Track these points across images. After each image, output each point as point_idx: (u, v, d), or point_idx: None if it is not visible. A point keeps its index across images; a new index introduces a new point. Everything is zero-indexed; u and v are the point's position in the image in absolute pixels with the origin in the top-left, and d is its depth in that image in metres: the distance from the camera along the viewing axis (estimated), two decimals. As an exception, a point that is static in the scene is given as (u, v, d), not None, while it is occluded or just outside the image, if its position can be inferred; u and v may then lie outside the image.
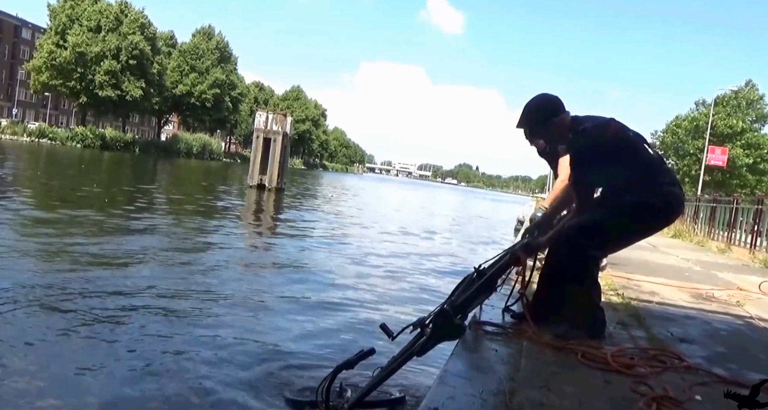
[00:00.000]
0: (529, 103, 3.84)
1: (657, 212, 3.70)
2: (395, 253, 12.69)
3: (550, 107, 3.79)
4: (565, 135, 3.76)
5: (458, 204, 56.06)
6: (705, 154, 45.72)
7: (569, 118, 3.76)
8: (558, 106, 3.79)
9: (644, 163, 3.69)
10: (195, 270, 8.25)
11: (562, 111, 3.78)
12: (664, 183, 3.69)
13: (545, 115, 3.77)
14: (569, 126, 3.73)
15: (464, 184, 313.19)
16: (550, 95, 3.86)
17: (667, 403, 2.56)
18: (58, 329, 5.01)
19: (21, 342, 4.59)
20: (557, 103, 3.81)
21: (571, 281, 3.72)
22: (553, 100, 3.82)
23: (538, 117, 3.79)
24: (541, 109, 3.80)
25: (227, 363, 4.65)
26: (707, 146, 44.38)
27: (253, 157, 30.22)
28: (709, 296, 5.98)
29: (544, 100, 3.84)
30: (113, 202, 16.02)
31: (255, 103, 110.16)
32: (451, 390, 2.62)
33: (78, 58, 69.99)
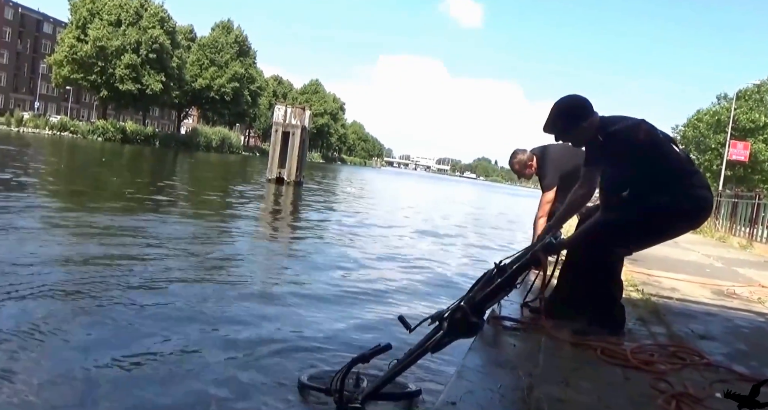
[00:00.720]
0: (558, 106, 3.75)
1: (685, 215, 3.67)
2: (413, 247, 12.68)
3: (579, 111, 3.71)
4: (594, 138, 3.67)
5: (476, 197, 55.92)
6: (726, 149, 45.25)
7: (598, 120, 3.69)
8: (587, 109, 3.70)
9: (674, 165, 3.65)
10: (214, 262, 8.29)
11: (591, 113, 3.69)
12: (693, 185, 3.64)
13: (575, 119, 3.68)
14: (598, 128, 3.65)
15: (483, 178, 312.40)
16: (578, 97, 3.78)
17: (686, 400, 2.54)
18: (77, 319, 5.05)
19: (36, 331, 4.64)
20: (586, 105, 3.72)
21: (593, 277, 3.73)
22: (581, 102, 3.74)
23: (568, 121, 3.70)
24: (571, 113, 3.71)
25: (244, 352, 4.67)
26: (729, 141, 43.94)
27: (272, 151, 30.28)
28: (730, 293, 5.92)
29: (573, 103, 3.76)
30: (134, 194, 16.12)
31: (274, 97, 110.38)
32: (469, 384, 2.62)
33: (99, 52, 70.56)
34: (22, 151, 30.80)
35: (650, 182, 3.59)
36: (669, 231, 3.82)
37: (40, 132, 65.89)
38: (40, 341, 4.46)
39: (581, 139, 3.78)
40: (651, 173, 3.58)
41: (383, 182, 61.33)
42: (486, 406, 2.40)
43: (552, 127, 3.76)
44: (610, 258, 3.74)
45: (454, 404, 2.39)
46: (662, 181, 3.58)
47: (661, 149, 3.65)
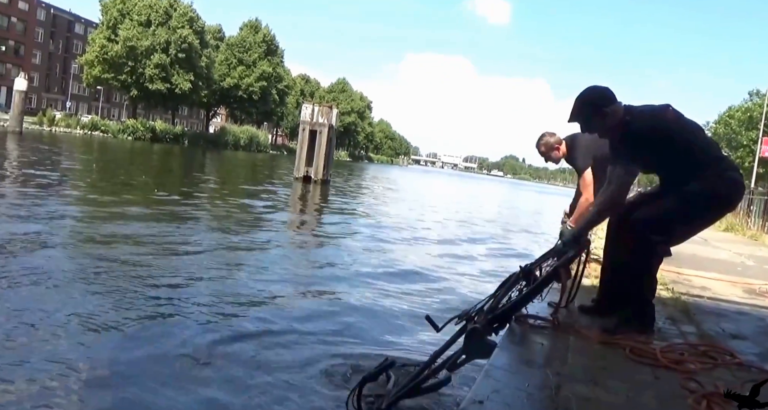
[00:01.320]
0: (581, 96, 3.78)
1: (723, 199, 3.68)
2: (442, 245, 12.68)
3: (602, 98, 3.74)
4: (618, 125, 3.68)
5: (505, 195, 55.71)
6: (759, 146, 44.43)
7: (621, 108, 3.71)
8: (610, 97, 3.73)
9: (704, 148, 3.65)
10: (244, 261, 8.36)
11: (615, 101, 3.72)
12: (726, 168, 3.64)
13: (598, 106, 3.71)
14: (623, 115, 3.67)
15: (510, 176, 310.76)
16: (600, 86, 3.81)
17: (718, 400, 2.51)
18: (107, 314, 5.13)
19: (65, 323, 4.72)
20: (608, 93, 3.75)
21: (630, 275, 3.72)
22: (604, 90, 3.77)
23: (591, 109, 3.73)
24: (593, 101, 3.74)
25: (276, 353, 4.70)
26: (761, 137, 43.15)
27: (299, 149, 30.41)
28: (762, 292, 5.83)
29: (596, 92, 3.78)
30: (165, 191, 16.33)
31: (301, 96, 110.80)
32: (496, 383, 2.61)
33: (129, 52, 71.36)
34: (54, 150, 31.28)
35: (683, 168, 3.58)
36: (709, 218, 3.83)
37: (72, 131, 66.76)
38: (95, 331, 4.55)
39: (605, 127, 3.78)
40: (683, 159, 3.58)
41: (410, 181, 61.30)
42: (513, 405, 2.39)
43: (576, 116, 3.80)
44: (651, 255, 3.71)
45: (481, 403, 2.38)
46: (695, 166, 3.57)
47: (690, 132, 3.65)
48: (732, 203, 3.84)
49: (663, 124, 3.59)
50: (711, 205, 3.67)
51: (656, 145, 3.58)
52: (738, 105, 60.61)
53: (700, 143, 3.68)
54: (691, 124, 3.72)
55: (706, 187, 3.55)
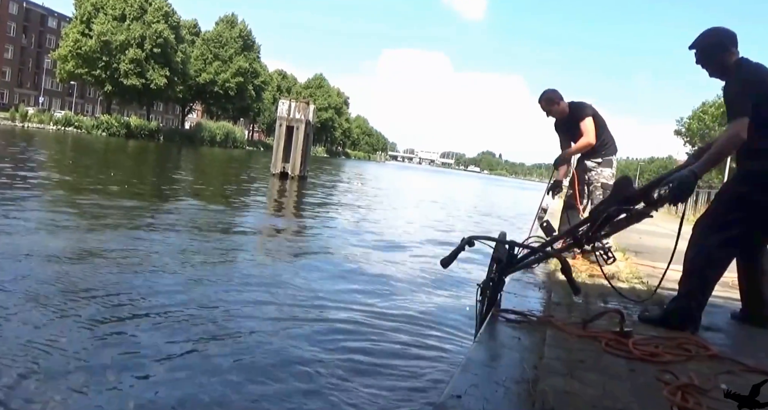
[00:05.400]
0: (711, 28, 3.89)
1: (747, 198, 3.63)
2: (420, 235, 12.69)
3: (728, 36, 3.82)
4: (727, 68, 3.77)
5: (481, 191, 55.91)
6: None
7: (738, 56, 3.78)
8: (734, 40, 3.81)
9: None
10: (220, 260, 8.29)
11: (735, 46, 3.80)
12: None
13: (721, 39, 3.81)
14: (735, 62, 3.75)
15: (487, 171, 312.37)
16: (729, 29, 3.88)
17: (692, 391, 2.54)
18: (82, 320, 5.05)
19: (44, 333, 4.65)
20: (734, 36, 3.83)
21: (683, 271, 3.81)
22: (732, 32, 3.85)
23: (715, 39, 3.83)
24: (720, 34, 3.84)
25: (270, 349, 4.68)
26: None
27: (276, 145, 30.30)
28: (735, 284, 5.90)
29: (724, 29, 3.87)
30: (138, 189, 16.18)
31: (278, 91, 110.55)
32: (473, 377, 2.62)
33: (103, 47, 70.65)
34: (26, 147, 30.84)
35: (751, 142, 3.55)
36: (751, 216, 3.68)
37: (45, 127, 65.98)
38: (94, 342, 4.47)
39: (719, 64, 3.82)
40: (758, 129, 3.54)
41: (387, 176, 61.33)
42: (491, 399, 2.39)
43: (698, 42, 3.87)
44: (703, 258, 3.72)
45: (459, 397, 2.38)
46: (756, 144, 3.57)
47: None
48: None
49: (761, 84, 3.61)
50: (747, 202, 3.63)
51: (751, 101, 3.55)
52: (711, 100, 61.25)
53: None
54: None
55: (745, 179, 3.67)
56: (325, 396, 3.94)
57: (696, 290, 3.74)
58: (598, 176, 6.62)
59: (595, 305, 4.34)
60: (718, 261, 3.72)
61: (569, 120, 6.57)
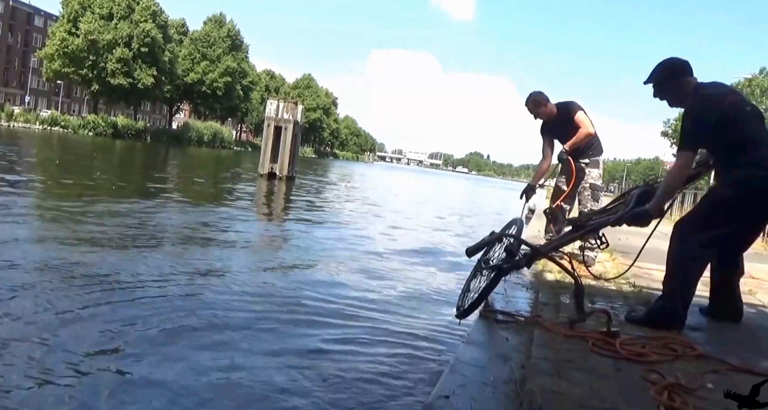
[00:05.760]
0: (662, 62, 4.10)
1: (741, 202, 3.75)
2: (409, 238, 12.70)
3: (679, 67, 4.03)
4: (685, 97, 3.97)
5: (471, 192, 55.98)
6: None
7: (694, 83, 3.97)
8: (686, 69, 4.02)
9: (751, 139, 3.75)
10: (207, 262, 8.25)
11: (689, 74, 4.00)
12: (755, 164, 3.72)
13: (674, 73, 4.02)
14: (692, 89, 3.94)
15: (475, 172, 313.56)
16: (680, 58, 4.10)
17: (678, 391, 2.56)
18: (67, 313, 5.02)
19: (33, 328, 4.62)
20: (686, 65, 4.03)
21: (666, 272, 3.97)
22: (682, 62, 4.06)
23: (667, 73, 4.04)
24: (671, 67, 4.05)
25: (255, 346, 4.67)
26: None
27: (264, 146, 30.18)
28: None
29: (675, 60, 4.08)
30: (125, 189, 16.09)
31: (266, 91, 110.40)
32: (462, 378, 2.63)
33: (90, 46, 70.30)
34: (9, 147, 30.61)
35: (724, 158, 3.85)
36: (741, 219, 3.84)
37: (31, 127, 65.58)
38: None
39: (675, 94, 4.07)
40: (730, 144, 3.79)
41: (375, 177, 61.27)
42: (479, 399, 2.40)
43: (652, 77, 4.09)
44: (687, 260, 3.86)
45: (447, 398, 2.39)
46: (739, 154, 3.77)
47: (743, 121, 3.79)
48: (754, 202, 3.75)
49: (716, 106, 3.79)
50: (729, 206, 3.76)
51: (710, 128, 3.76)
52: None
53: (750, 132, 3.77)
54: (749, 113, 3.85)
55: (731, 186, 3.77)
56: (308, 395, 3.94)
57: (679, 289, 3.83)
58: (587, 177, 6.67)
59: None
60: (699, 261, 3.85)
61: (558, 120, 6.59)
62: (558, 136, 6.66)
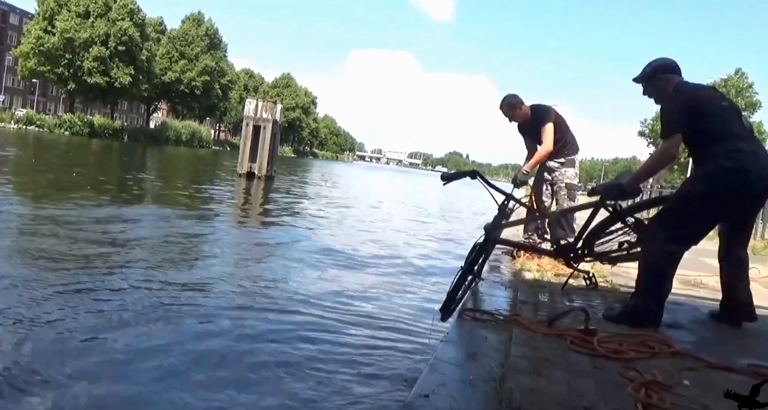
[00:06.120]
0: (652, 60, 4.29)
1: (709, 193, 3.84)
2: (385, 236, 12.70)
3: (666, 66, 4.21)
4: (668, 93, 4.12)
5: (452, 191, 55.92)
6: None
7: (677, 81, 4.13)
8: (673, 68, 4.20)
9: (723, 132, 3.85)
10: (184, 262, 8.19)
11: (677, 73, 4.18)
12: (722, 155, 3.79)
13: (661, 70, 4.20)
14: (674, 86, 4.10)
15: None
16: (669, 58, 4.28)
17: (655, 388, 2.58)
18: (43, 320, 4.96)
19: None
20: (673, 65, 4.21)
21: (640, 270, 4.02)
22: (671, 61, 4.25)
23: (654, 71, 4.22)
24: (659, 65, 4.23)
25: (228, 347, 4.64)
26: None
27: (243, 145, 30.02)
28: (697, 282, 6.01)
29: (664, 60, 4.27)
30: (101, 189, 15.93)
31: (245, 91, 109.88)
32: (441, 377, 2.63)
33: (66, 44, 69.51)
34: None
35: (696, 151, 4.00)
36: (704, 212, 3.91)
37: (6, 126, 64.74)
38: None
39: (660, 91, 4.21)
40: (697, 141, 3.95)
41: (355, 176, 61.25)
42: (458, 398, 2.41)
43: (641, 75, 4.29)
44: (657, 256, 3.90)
45: (426, 397, 2.39)
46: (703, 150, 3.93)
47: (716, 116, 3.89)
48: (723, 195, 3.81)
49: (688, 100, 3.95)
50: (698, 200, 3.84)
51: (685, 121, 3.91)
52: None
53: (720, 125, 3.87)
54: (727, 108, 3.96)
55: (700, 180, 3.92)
56: (283, 394, 3.93)
57: (652, 286, 3.87)
58: (562, 176, 6.72)
59: (560, 303, 4.39)
60: (671, 256, 3.87)
61: (533, 122, 6.66)
62: (533, 137, 6.72)
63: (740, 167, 3.71)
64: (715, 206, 3.83)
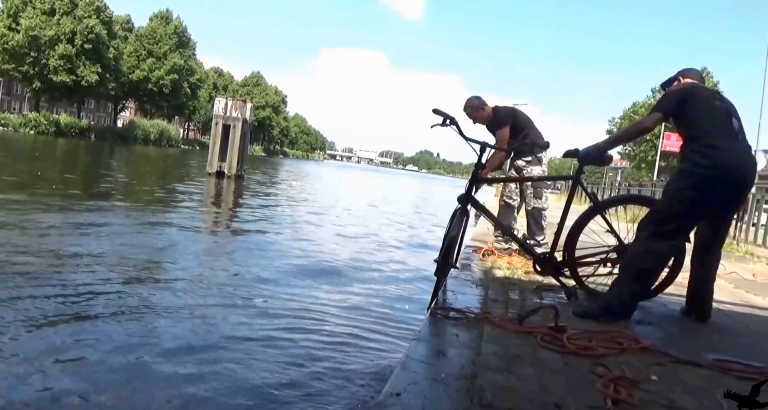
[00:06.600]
0: None
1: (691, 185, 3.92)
2: (358, 234, 12.70)
3: (686, 69, 4.54)
4: None
5: (422, 189, 56.22)
6: (661, 140, 46.59)
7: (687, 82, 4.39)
8: (691, 71, 4.52)
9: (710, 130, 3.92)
10: (153, 263, 8.09)
11: (692, 76, 4.46)
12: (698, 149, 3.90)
13: (680, 72, 4.52)
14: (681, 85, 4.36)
15: (425, 170, 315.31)
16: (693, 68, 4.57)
17: (624, 384, 2.61)
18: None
19: None
20: (693, 70, 4.54)
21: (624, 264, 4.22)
22: (695, 69, 4.57)
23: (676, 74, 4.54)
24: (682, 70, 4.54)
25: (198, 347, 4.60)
26: (663, 132, 45.17)
27: (212, 144, 29.80)
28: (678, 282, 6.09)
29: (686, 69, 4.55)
30: (67, 190, 15.66)
31: (214, 89, 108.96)
32: (413, 375, 2.63)
33: (31, 42, 68.35)
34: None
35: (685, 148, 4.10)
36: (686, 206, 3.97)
37: (-31, 125, 63.56)
38: None
39: None
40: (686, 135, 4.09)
41: (326, 175, 61.10)
42: (430, 396, 2.41)
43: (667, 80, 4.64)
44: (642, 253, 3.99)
45: (398, 395, 2.39)
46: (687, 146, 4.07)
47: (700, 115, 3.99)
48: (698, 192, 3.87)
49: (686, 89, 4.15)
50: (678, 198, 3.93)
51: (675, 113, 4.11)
52: (642, 101, 63.32)
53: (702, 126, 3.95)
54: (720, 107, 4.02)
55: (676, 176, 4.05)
56: (256, 392, 3.91)
57: (630, 280, 3.95)
58: (529, 175, 6.74)
59: (530, 301, 4.42)
60: (654, 253, 3.94)
61: (495, 123, 6.69)
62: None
63: (712, 164, 3.78)
64: (693, 202, 3.88)
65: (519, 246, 5.27)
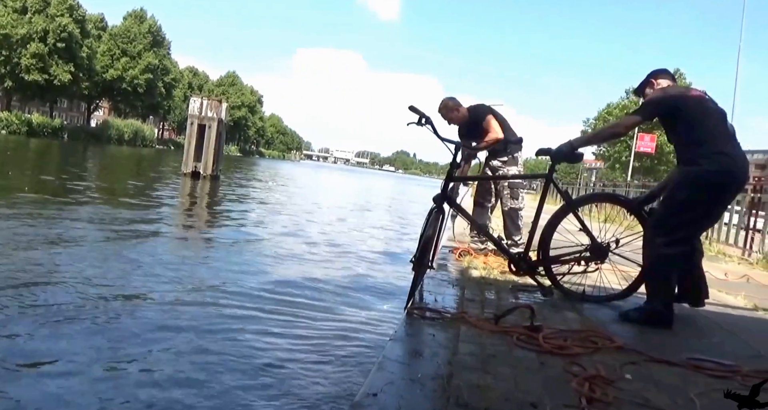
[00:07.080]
0: None
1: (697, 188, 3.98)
2: (335, 233, 12.67)
3: (660, 69, 4.53)
4: None
5: (399, 189, 56.31)
6: (635, 141, 47.09)
7: (666, 85, 4.40)
8: (666, 73, 4.52)
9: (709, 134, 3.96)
10: (127, 264, 8.01)
11: (666, 77, 4.48)
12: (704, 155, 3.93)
13: (653, 73, 4.50)
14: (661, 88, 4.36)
15: (402, 171, 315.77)
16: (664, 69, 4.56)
17: (599, 382, 2.63)
18: None
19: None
20: (665, 71, 4.54)
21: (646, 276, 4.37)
22: (664, 69, 4.55)
23: (649, 74, 4.51)
24: (654, 70, 4.52)
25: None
26: (636, 133, 45.64)
27: (187, 144, 29.57)
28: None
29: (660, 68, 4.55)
30: (38, 190, 15.45)
31: (189, 89, 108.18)
32: (389, 375, 2.63)
33: (2, 41, 67.37)
34: None
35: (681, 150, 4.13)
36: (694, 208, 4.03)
37: (-62, 124, 62.49)
38: None
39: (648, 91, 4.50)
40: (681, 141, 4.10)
41: (302, 175, 60.93)
42: (406, 396, 2.41)
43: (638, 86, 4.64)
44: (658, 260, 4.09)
45: (375, 395, 2.39)
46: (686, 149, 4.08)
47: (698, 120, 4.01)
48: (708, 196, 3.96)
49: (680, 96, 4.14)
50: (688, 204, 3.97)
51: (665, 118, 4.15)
52: (616, 102, 63.98)
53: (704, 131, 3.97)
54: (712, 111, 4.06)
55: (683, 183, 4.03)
56: (230, 392, 3.89)
57: (659, 289, 4.07)
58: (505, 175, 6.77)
59: (506, 301, 4.44)
60: (668, 259, 4.03)
61: (471, 122, 6.70)
62: (473, 139, 6.73)
63: (722, 170, 3.88)
64: (703, 208, 3.99)
65: (494, 245, 5.27)
